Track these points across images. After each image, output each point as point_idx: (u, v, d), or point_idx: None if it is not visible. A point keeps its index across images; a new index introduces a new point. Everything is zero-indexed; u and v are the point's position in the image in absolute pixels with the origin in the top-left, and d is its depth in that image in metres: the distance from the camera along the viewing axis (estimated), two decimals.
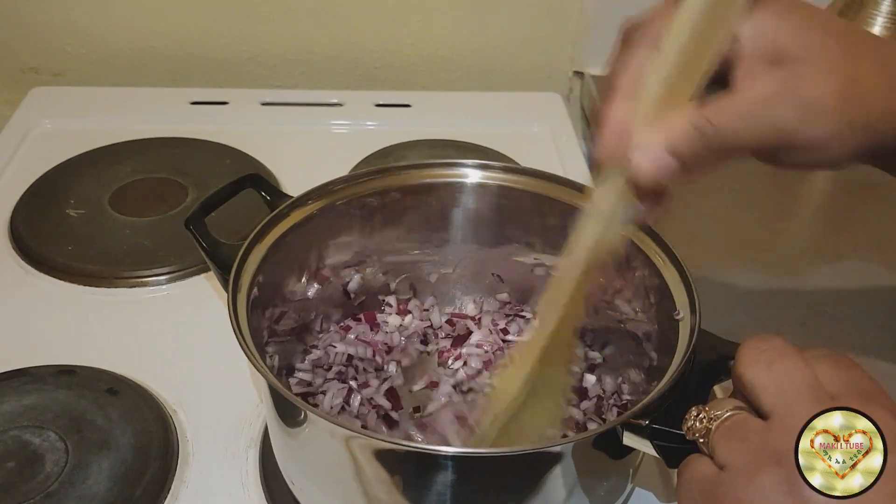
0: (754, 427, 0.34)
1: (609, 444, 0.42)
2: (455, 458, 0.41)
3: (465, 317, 0.62)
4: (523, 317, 0.63)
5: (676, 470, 0.38)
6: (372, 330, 0.61)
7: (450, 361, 0.60)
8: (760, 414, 0.34)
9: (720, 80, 0.40)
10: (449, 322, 0.62)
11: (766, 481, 0.32)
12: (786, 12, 0.40)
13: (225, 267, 0.49)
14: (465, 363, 0.59)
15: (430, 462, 0.41)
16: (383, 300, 0.62)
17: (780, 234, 0.80)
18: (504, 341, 0.61)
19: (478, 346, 0.60)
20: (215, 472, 0.54)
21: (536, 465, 0.42)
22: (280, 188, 0.58)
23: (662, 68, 0.38)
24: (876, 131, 0.41)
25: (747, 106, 0.39)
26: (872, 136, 0.41)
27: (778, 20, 0.40)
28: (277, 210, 0.53)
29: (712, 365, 0.43)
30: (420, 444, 0.43)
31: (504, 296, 0.63)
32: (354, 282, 0.60)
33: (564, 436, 0.54)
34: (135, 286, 0.69)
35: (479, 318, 0.62)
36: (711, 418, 0.36)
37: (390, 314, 0.62)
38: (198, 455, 0.55)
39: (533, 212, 0.58)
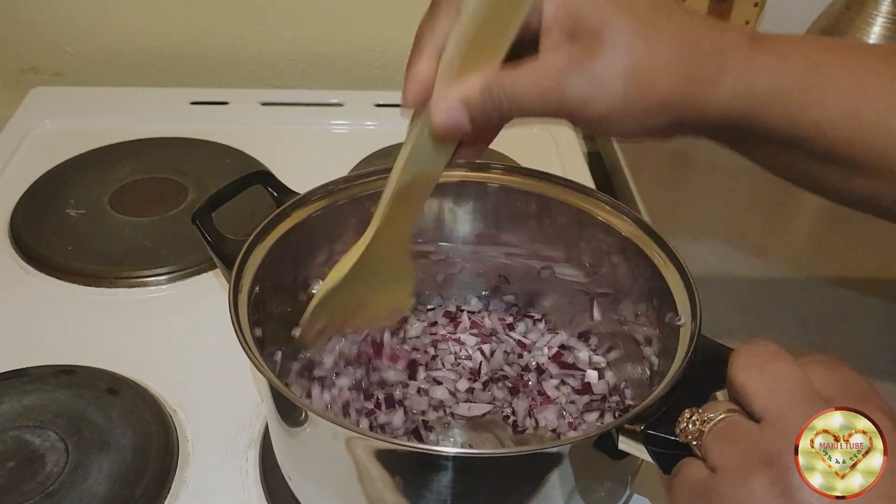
0: (746, 429, 0.34)
1: (605, 449, 0.41)
2: (453, 459, 0.41)
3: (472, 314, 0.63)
4: (531, 317, 0.63)
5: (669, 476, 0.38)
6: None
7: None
8: (753, 417, 0.34)
9: (532, 47, 0.42)
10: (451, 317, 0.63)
11: (757, 484, 0.31)
12: None
13: (230, 262, 0.49)
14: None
15: (430, 462, 0.41)
16: None
17: (780, 234, 0.80)
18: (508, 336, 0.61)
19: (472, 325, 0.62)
20: (215, 472, 0.54)
21: (532, 467, 0.42)
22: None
23: (462, 30, 0.40)
24: (664, 113, 0.42)
25: (538, 76, 0.41)
26: (663, 117, 0.42)
27: None
28: (279, 210, 0.53)
29: (712, 371, 0.42)
30: (420, 445, 0.43)
31: (510, 297, 0.63)
32: None
33: (558, 436, 0.54)
34: (135, 286, 0.69)
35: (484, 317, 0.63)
36: (704, 420, 0.35)
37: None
38: (198, 455, 0.55)
39: (535, 213, 0.58)
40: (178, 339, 0.64)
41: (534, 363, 0.60)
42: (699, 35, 0.42)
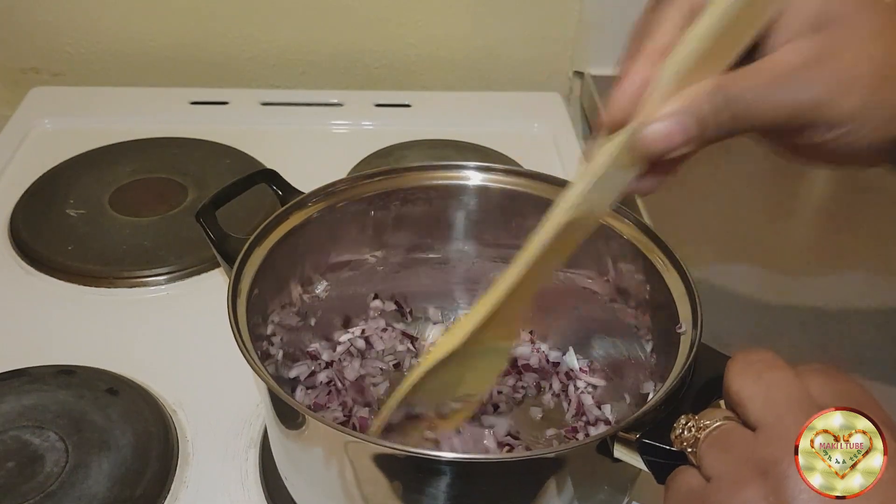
0: (741, 437, 0.33)
1: (601, 456, 0.41)
2: (451, 464, 0.41)
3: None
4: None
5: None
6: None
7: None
8: (749, 425, 0.33)
9: (753, 50, 0.37)
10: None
11: (751, 493, 0.31)
12: None
13: (233, 260, 0.49)
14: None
15: (427, 467, 0.41)
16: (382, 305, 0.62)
17: (780, 234, 0.80)
18: None
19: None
20: (215, 472, 0.54)
21: (529, 473, 0.42)
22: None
23: (704, 29, 0.34)
24: None
25: (775, 74, 0.36)
26: None
27: None
28: (279, 212, 0.53)
29: (712, 381, 0.41)
30: (417, 450, 0.43)
31: None
32: (354, 283, 0.60)
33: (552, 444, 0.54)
34: (135, 286, 0.69)
35: None
36: (700, 427, 0.35)
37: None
38: (198, 455, 0.55)
39: (535, 215, 0.57)
40: (178, 339, 0.64)
41: (533, 380, 0.60)
42: None
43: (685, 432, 0.35)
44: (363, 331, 0.61)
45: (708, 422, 0.35)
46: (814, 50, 0.36)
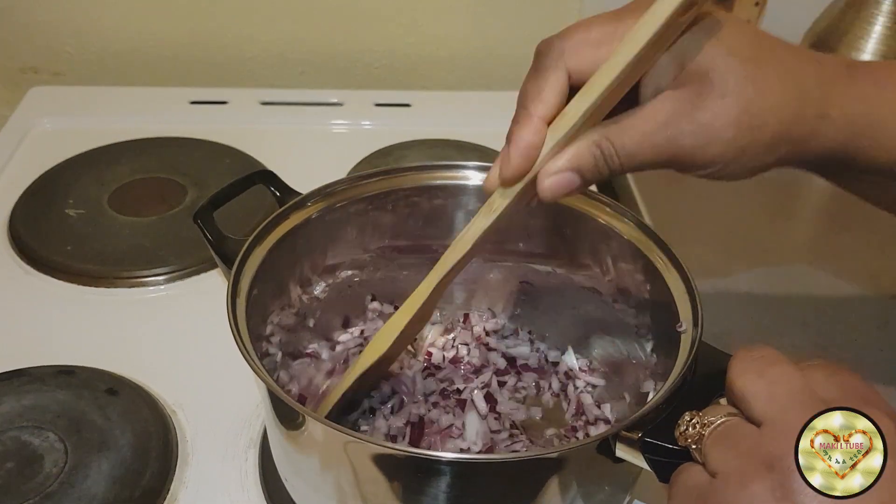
0: (746, 432, 0.33)
1: (602, 456, 0.41)
2: (451, 464, 0.41)
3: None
4: (526, 328, 0.62)
5: (667, 484, 0.37)
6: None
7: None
8: (753, 421, 0.34)
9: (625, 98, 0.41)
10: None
11: (757, 488, 0.31)
12: (695, 28, 0.40)
13: (230, 262, 0.49)
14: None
15: (428, 467, 0.41)
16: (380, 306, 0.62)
17: (780, 234, 0.80)
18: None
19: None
20: (215, 472, 0.54)
21: (530, 472, 0.42)
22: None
23: (587, 102, 0.39)
24: (772, 153, 0.41)
25: (647, 127, 0.40)
26: (770, 157, 0.41)
27: (686, 35, 0.39)
28: (278, 212, 0.53)
29: (713, 379, 0.41)
30: (417, 450, 0.43)
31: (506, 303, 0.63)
32: (353, 284, 0.60)
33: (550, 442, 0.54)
34: (134, 286, 0.69)
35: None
36: (705, 424, 0.35)
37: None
38: (198, 455, 0.55)
39: (535, 216, 0.58)
40: (177, 339, 0.64)
41: (532, 380, 0.60)
42: (802, 70, 0.41)
43: (689, 429, 0.36)
44: (362, 331, 0.61)
45: (712, 418, 0.35)
46: (676, 105, 0.40)
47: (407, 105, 0.95)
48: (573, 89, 0.40)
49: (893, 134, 0.42)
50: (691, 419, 0.36)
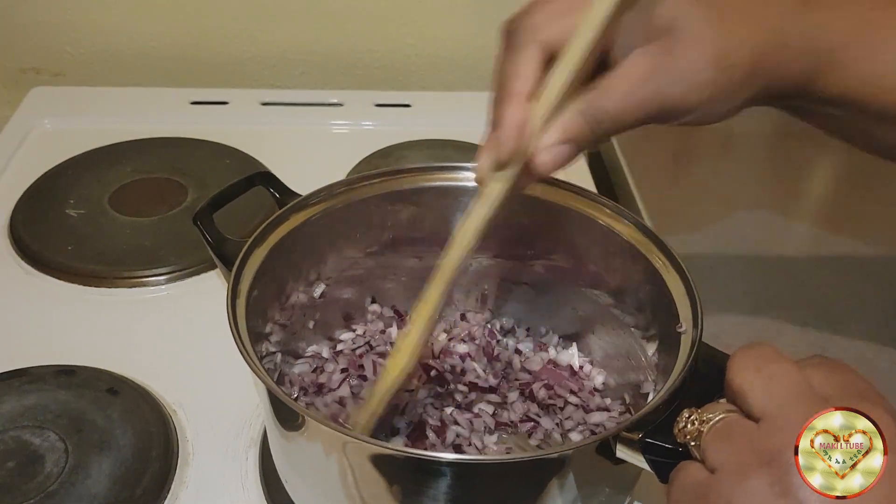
0: (744, 428, 0.33)
1: (602, 457, 0.41)
2: (451, 465, 0.41)
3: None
4: (526, 328, 0.62)
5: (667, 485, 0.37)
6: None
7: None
8: (752, 417, 0.34)
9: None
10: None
11: (756, 483, 0.31)
12: None
13: (230, 263, 0.49)
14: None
15: (427, 468, 0.41)
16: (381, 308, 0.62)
17: (780, 234, 0.80)
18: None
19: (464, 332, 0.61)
20: (215, 472, 0.54)
21: (530, 473, 0.42)
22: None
23: (567, 71, 0.39)
24: (748, 88, 0.43)
25: (629, 85, 0.40)
26: (747, 91, 0.43)
27: None
28: (278, 213, 0.53)
29: (713, 379, 0.41)
30: (417, 451, 0.43)
31: (505, 304, 0.63)
32: (353, 285, 0.60)
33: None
34: (135, 286, 0.69)
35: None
36: (703, 421, 0.35)
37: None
38: (198, 455, 0.55)
39: (535, 216, 0.58)
40: (178, 339, 0.64)
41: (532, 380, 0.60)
42: (759, 5, 0.43)
43: (688, 425, 0.36)
44: (364, 332, 0.61)
45: (711, 415, 0.35)
46: (655, 56, 0.40)
47: (407, 105, 0.95)
48: (547, 63, 0.41)
49: (849, 56, 0.44)
50: (690, 416, 0.36)
